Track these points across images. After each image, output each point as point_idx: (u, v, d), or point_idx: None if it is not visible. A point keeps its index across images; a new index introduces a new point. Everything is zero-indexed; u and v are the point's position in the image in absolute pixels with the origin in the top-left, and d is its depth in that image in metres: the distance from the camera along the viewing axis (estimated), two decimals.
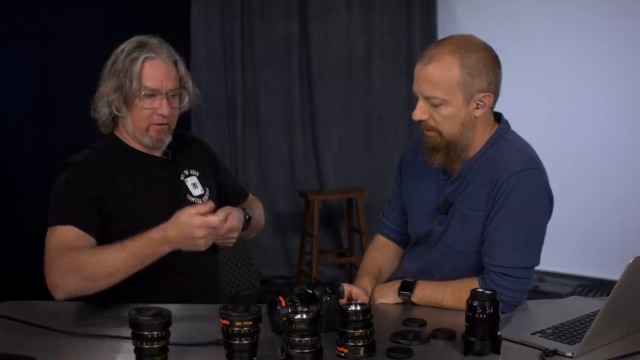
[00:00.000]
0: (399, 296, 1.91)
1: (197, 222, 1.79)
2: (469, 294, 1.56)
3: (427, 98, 1.83)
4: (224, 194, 2.23)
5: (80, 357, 1.62)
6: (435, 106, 1.83)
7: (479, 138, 1.91)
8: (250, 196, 2.38)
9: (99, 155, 2.02)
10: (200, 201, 2.09)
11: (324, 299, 1.66)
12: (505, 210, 1.83)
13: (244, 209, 2.06)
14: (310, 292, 1.69)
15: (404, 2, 5.14)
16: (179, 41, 2.10)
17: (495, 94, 1.88)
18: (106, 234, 1.94)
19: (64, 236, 1.87)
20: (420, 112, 1.85)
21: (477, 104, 1.84)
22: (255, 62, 5.12)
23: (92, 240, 1.90)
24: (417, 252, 2.09)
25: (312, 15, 5.14)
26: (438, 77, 1.80)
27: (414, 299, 1.90)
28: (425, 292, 1.89)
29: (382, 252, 2.18)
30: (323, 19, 5.15)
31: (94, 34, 4.38)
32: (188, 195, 2.09)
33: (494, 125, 1.95)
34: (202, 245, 1.81)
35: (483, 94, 1.84)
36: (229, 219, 1.93)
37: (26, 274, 1.91)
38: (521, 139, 1.97)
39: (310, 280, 1.75)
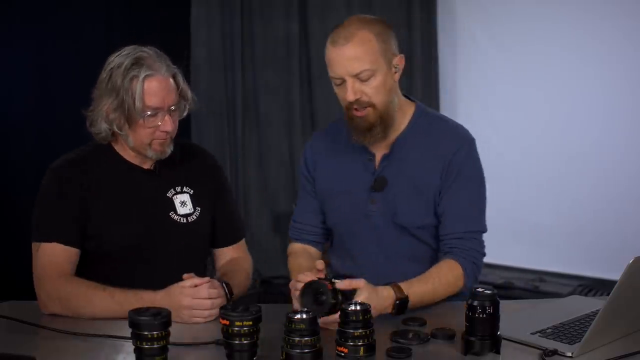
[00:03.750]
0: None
1: (186, 291, 1.78)
2: (455, 276, 1.64)
3: (355, 75, 1.89)
4: (217, 225, 2.15)
5: (80, 357, 1.62)
6: (365, 80, 1.90)
7: (400, 110, 2.00)
8: (241, 248, 2.23)
9: (82, 162, 2.00)
10: (185, 220, 2.04)
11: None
12: (462, 180, 1.94)
13: (227, 285, 1.91)
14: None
15: (404, 2, 5.14)
16: (179, 41, 2.10)
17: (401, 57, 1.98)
18: (84, 245, 1.96)
19: (50, 254, 1.89)
20: (353, 92, 1.91)
21: (395, 68, 1.95)
22: (255, 62, 5.12)
23: (77, 252, 1.93)
24: (350, 246, 2.08)
25: (312, 15, 5.14)
26: (361, 51, 1.89)
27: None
28: (416, 299, 1.84)
29: (303, 257, 2.15)
30: (323, 19, 5.15)
31: (94, 34, 4.38)
32: (172, 212, 2.04)
33: (408, 102, 2.06)
34: (186, 315, 1.78)
35: (397, 57, 1.95)
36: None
37: (26, 274, 1.91)
38: (441, 114, 2.12)
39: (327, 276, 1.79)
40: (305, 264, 2.08)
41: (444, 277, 1.87)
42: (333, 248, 2.19)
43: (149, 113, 1.92)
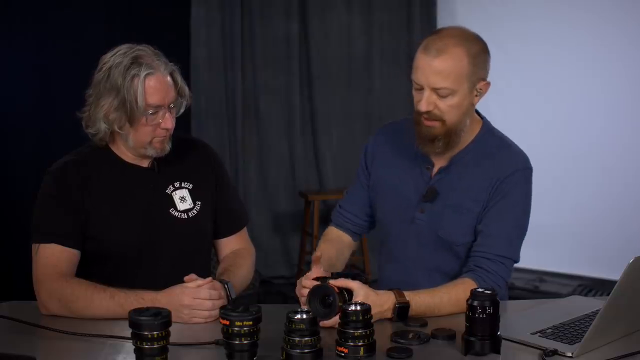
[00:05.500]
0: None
1: (188, 291, 1.79)
2: (467, 295, 1.57)
3: (434, 89, 1.87)
4: (217, 215, 2.14)
5: (80, 357, 1.62)
6: (443, 97, 1.87)
7: (468, 128, 1.97)
8: (243, 237, 2.22)
9: (81, 163, 2.00)
10: (186, 216, 2.04)
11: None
12: (506, 203, 1.91)
13: (226, 284, 1.89)
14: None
15: (404, 2, 5.14)
16: (179, 41, 2.09)
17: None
18: (85, 246, 1.96)
19: (49, 256, 1.89)
20: (427, 104, 1.89)
21: (477, 91, 1.91)
22: (255, 62, 5.12)
23: (76, 254, 1.93)
24: (392, 246, 2.09)
25: (312, 15, 5.14)
26: (449, 69, 1.85)
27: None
28: (420, 309, 1.81)
29: (333, 245, 2.15)
30: (323, 19, 5.15)
31: (94, 34, 4.38)
32: (172, 209, 2.03)
33: (477, 119, 2.02)
34: (186, 315, 1.78)
35: (483, 82, 1.91)
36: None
37: (26, 274, 1.91)
38: (506, 136, 2.05)
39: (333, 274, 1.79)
40: (330, 252, 2.08)
41: (454, 293, 1.83)
42: (380, 243, 2.19)
43: (151, 112, 1.93)
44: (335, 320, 1.62)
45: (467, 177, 1.96)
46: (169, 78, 1.95)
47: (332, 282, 1.73)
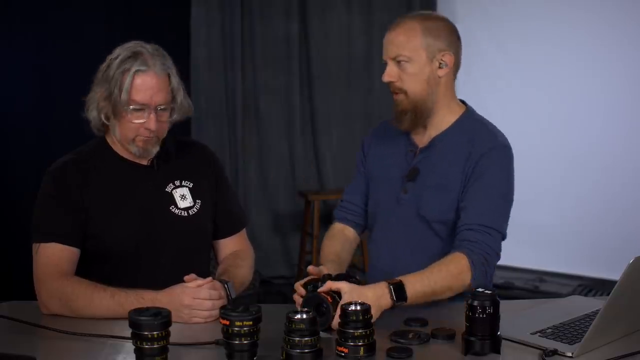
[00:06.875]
0: (395, 306, 1.81)
1: (188, 290, 1.80)
2: (457, 267, 1.67)
3: (393, 59, 2.00)
4: (217, 216, 2.15)
5: (80, 357, 1.62)
6: (401, 65, 1.99)
7: (447, 109, 2.05)
8: (242, 238, 2.22)
9: (81, 162, 2.00)
10: (187, 214, 2.04)
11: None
12: (485, 179, 1.94)
13: (226, 284, 1.89)
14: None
15: (404, 2, 5.15)
16: (179, 41, 2.09)
17: (456, 57, 2.02)
18: (86, 245, 1.96)
19: (50, 255, 1.89)
20: (388, 75, 2.03)
21: (440, 63, 2.00)
22: (255, 62, 5.12)
23: (76, 252, 1.93)
24: (379, 231, 2.12)
25: (312, 15, 5.14)
26: (402, 39, 2.00)
27: (408, 301, 1.81)
28: (413, 288, 1.78)
29: (337, 240, 2.19)
30: (323, 19, 5.16)
31: (94, 34, 4.39)
32: (172, 207, 2.03)
33: (460, 105, 2.10)
34: (185, 315, 1.78)
35: (443, 52, 1.99)
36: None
37: (26, 274, 1.92)
38: (488, 120, 2.11)
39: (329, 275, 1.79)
40: (335, 247, 2.14)
41: (445, 267, 1.82)
42: (369, 233, 2.22)
43: (132, 107, 1.92)
44: (336, 322, 1.62)
45: (447, 156, 2.01)
46: (163, 78, 1.94)
47: (320, 290, 1.73)
